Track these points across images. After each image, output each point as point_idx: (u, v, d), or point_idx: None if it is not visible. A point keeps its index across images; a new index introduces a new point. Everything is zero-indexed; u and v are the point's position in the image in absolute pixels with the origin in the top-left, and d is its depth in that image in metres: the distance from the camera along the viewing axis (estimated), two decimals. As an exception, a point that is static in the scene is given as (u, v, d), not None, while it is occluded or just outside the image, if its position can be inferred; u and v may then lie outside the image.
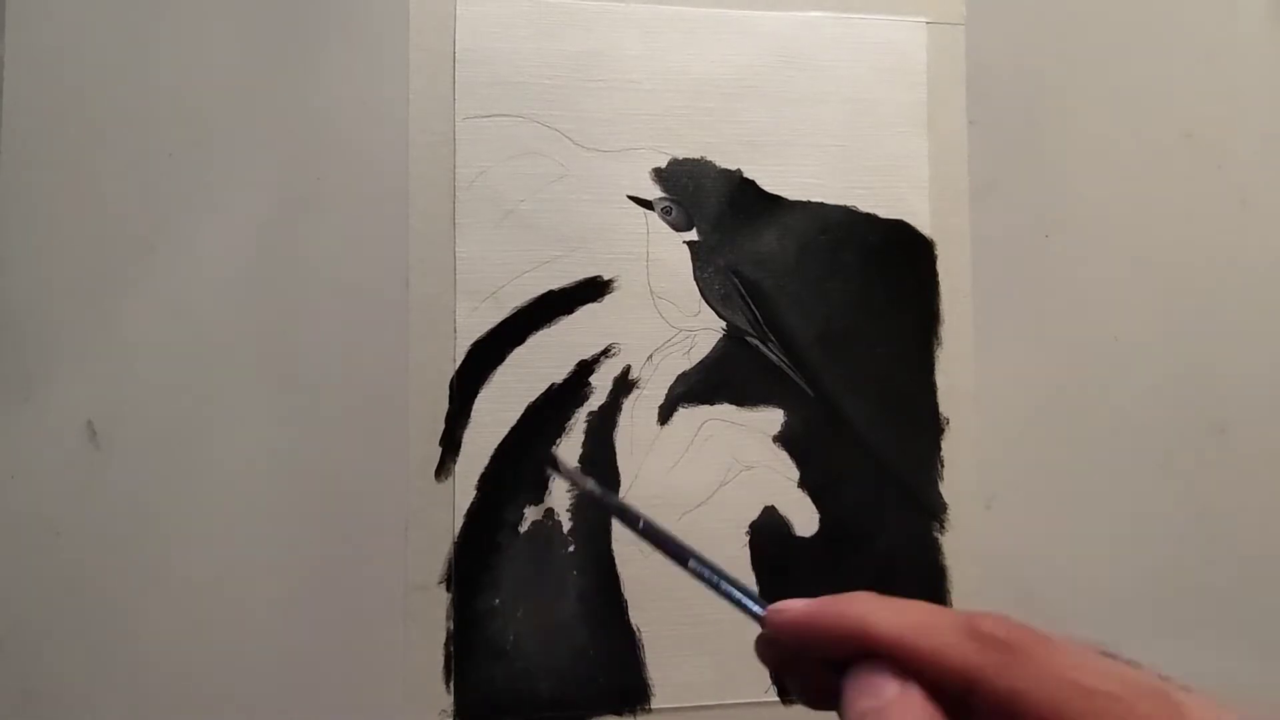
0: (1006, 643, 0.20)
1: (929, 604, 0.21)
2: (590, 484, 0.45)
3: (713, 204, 0.54)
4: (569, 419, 0.51)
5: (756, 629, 0.26)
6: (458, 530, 0.50)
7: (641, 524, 0.33)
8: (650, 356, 0.52)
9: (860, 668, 0.22)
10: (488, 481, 0.51)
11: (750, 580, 0.52)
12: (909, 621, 0.21)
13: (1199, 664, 0.57)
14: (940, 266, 0.55)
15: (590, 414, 0.52)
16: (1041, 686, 0.19)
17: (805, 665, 0.24)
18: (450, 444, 0.50)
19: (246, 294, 0.50)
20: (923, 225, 0.55)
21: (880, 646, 0.21)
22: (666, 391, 0.52)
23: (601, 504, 0.49)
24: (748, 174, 0.54)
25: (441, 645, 0.50)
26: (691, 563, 0.30)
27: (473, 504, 0.50)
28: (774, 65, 0.55)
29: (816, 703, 0.24)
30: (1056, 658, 0.20)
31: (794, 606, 0.24)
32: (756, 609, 0.26)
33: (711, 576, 0.29)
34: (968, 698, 0.20)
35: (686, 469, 0.52)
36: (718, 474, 0.52)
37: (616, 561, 0.51)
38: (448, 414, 0.50)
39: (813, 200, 0.54)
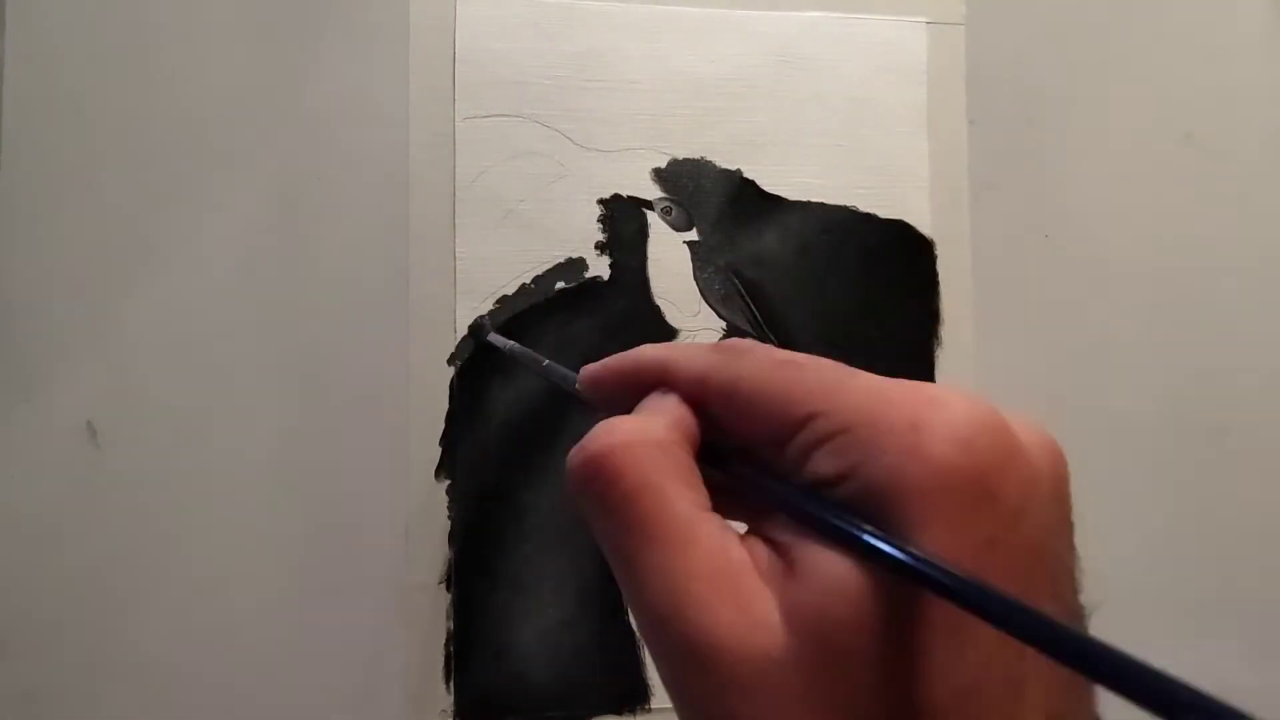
0: (735, 347, 0.24)
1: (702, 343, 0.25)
2: (511, 345, 0.46)
3: (713, 204, 0.54)
4: (569, 419, 0.51)
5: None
6: (458, 530, 0.50)
7: (545, 364, 0.38)
8: (650, 356, 0.52)
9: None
10: (488, 481, 0.51)
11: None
12: (667, 347, 0.26)
13: (1199, 664, 0.57)
14: (940, 266, 0.55)
15: (590, 414, 0.52)
16: (753, 367, 0.23)
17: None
18: (450, 444, 0.50)
19: (246, 294, 0.50)
20: (923, 225, 0.55)
21: (649, 373, 0.26)
22: (666, 391, 0.52)
23: (522, 360, 0.48)
24: (748, 174, 0.54)
25: (441, 645, 0.50)
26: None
27: (472, 503, 0.50)
28: (774, 65, 0.55)
29: None
30: (766, 350, 0.24)
31: (593, 364, 0.28)
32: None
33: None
34: (705, 396, 0.24)
35: (686, 469, 0.52)
36: (718, 474, 0.52)
37: (616, 561, 0.51)
38: (448, 414, 0.50)
39: (813, 200, 0.54)
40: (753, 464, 0.23)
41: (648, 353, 0.26)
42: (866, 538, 0.19)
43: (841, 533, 0.20)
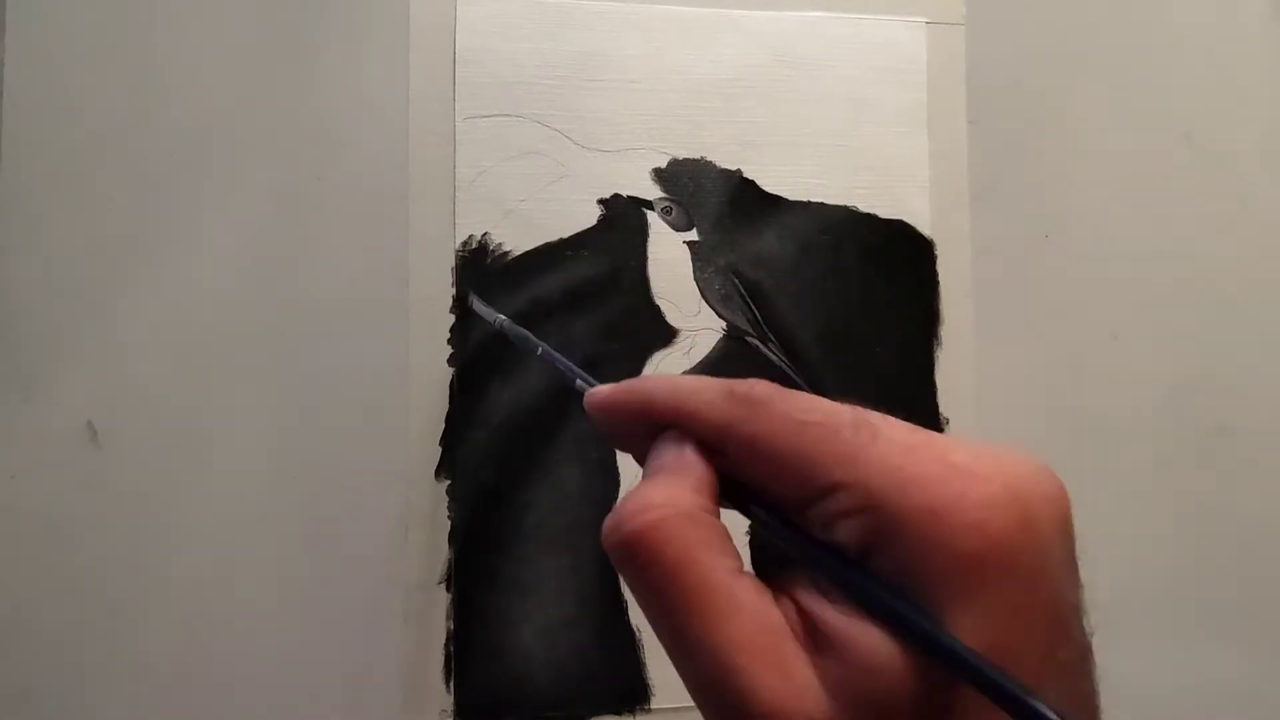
0: (751, 398, 0.24)
1: (702, 375, 0.26)
2: (500, 319, 0.46)
3: (713, 204, 0.54)
4: (569, 419, 0.51)
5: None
6: (458, 530, 0.50)
7: (540, 350, 0.38)
8: (650, 356, 0.52)
9: (659, 437, 0.26)
10: (488, 481, 0.51)
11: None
12: (681, 389, 0.25)
13: (1199, 664, 0.57)
14: (940, 266, 0.55)
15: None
16: (772, 427, 0.23)
17: (633, 444, 0.27)
18: (450, 444, 0.50)
19: (246, 294, 0.50)
20: (923, 225, 0.55)
21: (662, 415, 0.25)
22: (666, 391, 0.52)
23: (507, 335, 0.48)
24: (748, 174, 0.54)
25: (441, 645, 0.50)
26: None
27: (472, 503, 0.50)
28: (774, 65, 0.55)
29: None
30: (784, 403, 0.23)
31: (602, 389, 0.28)
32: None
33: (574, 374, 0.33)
34: (724, 447, 0.24)
35: (686, 469, 0.52)
36: (718, 474, 0.52)
37: (616, 561, 0.51)
38: (448, 414, 0.50)
39: (813, 200, 0.54)
40: (780, 516, 0.24)
41: (660, 392, 0.26)
42: (917, 621, 0.20)
43: (891, 613, 0.21)
